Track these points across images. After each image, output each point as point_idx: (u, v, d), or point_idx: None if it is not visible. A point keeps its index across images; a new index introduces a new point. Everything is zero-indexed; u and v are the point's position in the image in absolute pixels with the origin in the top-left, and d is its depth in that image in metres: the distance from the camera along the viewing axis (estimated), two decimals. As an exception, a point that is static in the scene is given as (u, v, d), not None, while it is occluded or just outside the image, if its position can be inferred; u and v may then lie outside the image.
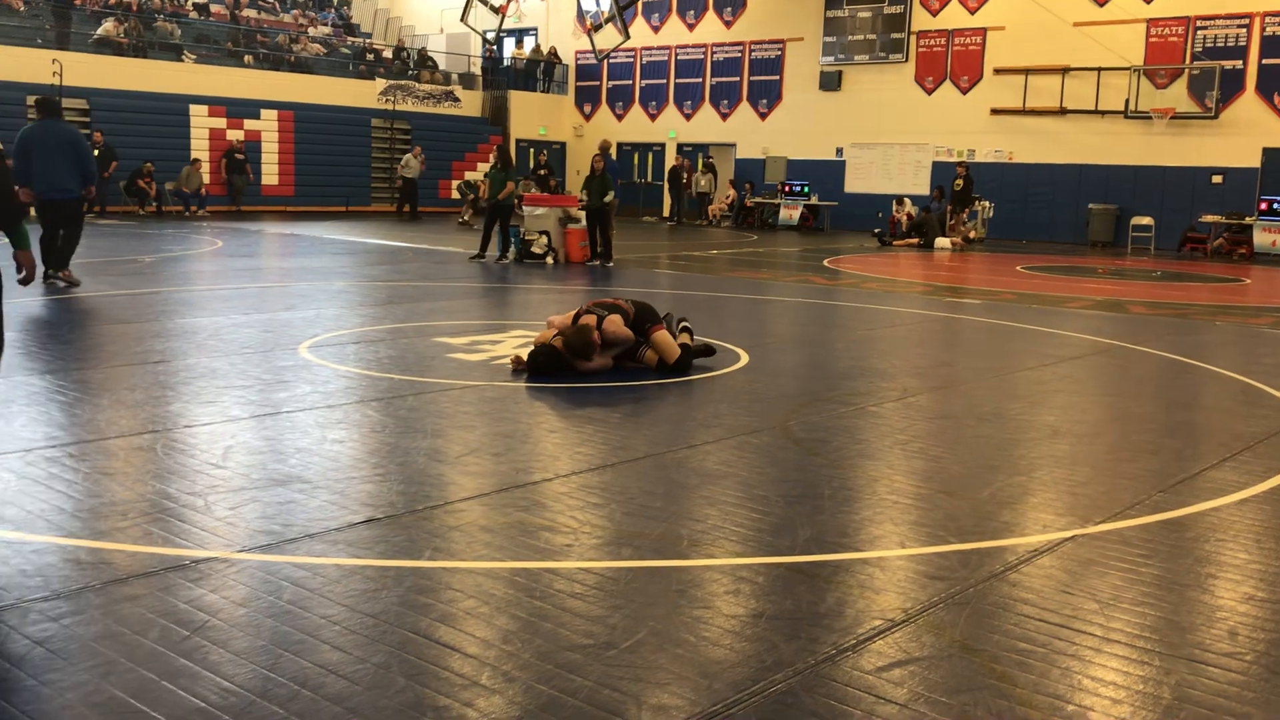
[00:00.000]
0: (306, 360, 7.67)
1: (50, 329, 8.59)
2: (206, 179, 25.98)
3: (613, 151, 17.86)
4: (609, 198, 16.41)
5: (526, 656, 3.15)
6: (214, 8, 31.23)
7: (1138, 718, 2.92)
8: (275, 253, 17.32)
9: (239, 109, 27.16)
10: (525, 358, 7.49)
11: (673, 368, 7.62)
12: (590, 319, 7.48)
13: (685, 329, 8.19)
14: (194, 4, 30.80)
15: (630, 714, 2.84)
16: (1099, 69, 24.69)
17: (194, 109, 26.35)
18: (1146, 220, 24.06)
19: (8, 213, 4.44)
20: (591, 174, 16.57)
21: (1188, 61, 23.92)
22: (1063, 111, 25.49)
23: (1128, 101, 24.42)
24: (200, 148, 26.33)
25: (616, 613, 3.48)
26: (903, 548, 4.24)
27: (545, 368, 7.35)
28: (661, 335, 7.70)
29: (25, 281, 4.64)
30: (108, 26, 26.43)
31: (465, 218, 25.71)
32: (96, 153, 23.74)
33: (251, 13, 32.18)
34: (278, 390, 6.66)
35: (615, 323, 7.53)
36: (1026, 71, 25.88)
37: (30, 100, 23.50)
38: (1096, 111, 24.96)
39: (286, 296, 11.33)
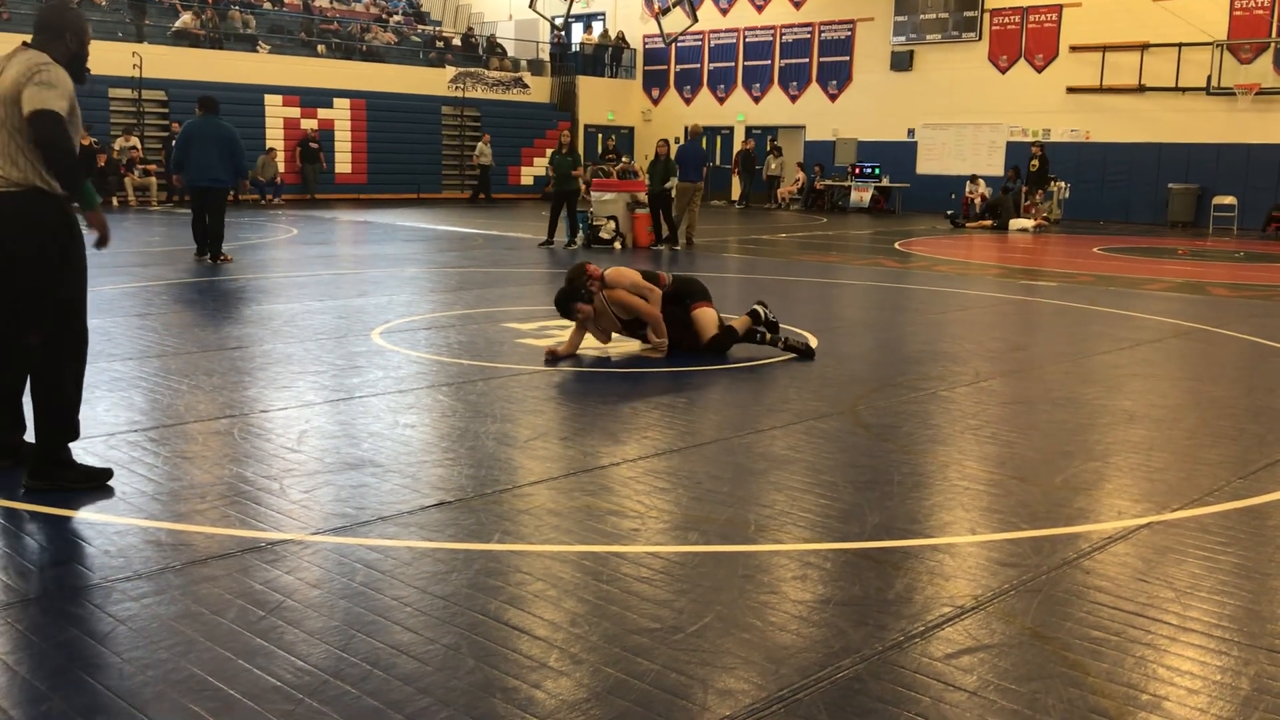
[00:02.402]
0: (379, 346, 7.78)
1: (131, 317, 8.81)
2: (281, 168, 26.41)
3: (681, 136, 17.85)
4: (670, 183, 16.45)
5: (594, 639, 3.17)
6: (287, -2, 31.70)
7: (1215, 708, 2.86)
8: (348, 240, 17.57)
9: (312, 98, 27.54)
10: (559, 350, 7.55)
11: (709, 344, 7.55)
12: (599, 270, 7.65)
13: (752, 312, 7.98)
14: (268, -5, 31.28)
15: (697, 697, 2.85)
16: (1179, 44, 24.05)
17: (269, 99, 26.77)
18: (1229, 199, 23.42)
19: (68, 171, 4.27)
20: (655, 159, 16.61)
21: (1274, 35, 23.20)
22: (1141, 89, 24.89)
23: (1210, 78, 23.77)
24: (275, 137, 26.76)
25: (683, 597, 3.49)
26: (973, 534, 4.20)
27: (566, 296, 7.52)
28: (701, 312, 7.66)
29: (100, 244, 4.51)
30: (186, 19, 26.95)
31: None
32: (175, 143, 24.30)
33: (324, 2, 32.59)
34: (351, 375, 6.77)
35: (624, 271, 7.66)
36: (1104, 48, 25.31)
37: (111, 93, 24.28)
38: (1177, 88, 24.34)
39: (360, 283, 11.50)
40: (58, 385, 4.40)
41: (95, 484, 4.43)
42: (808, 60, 31.00)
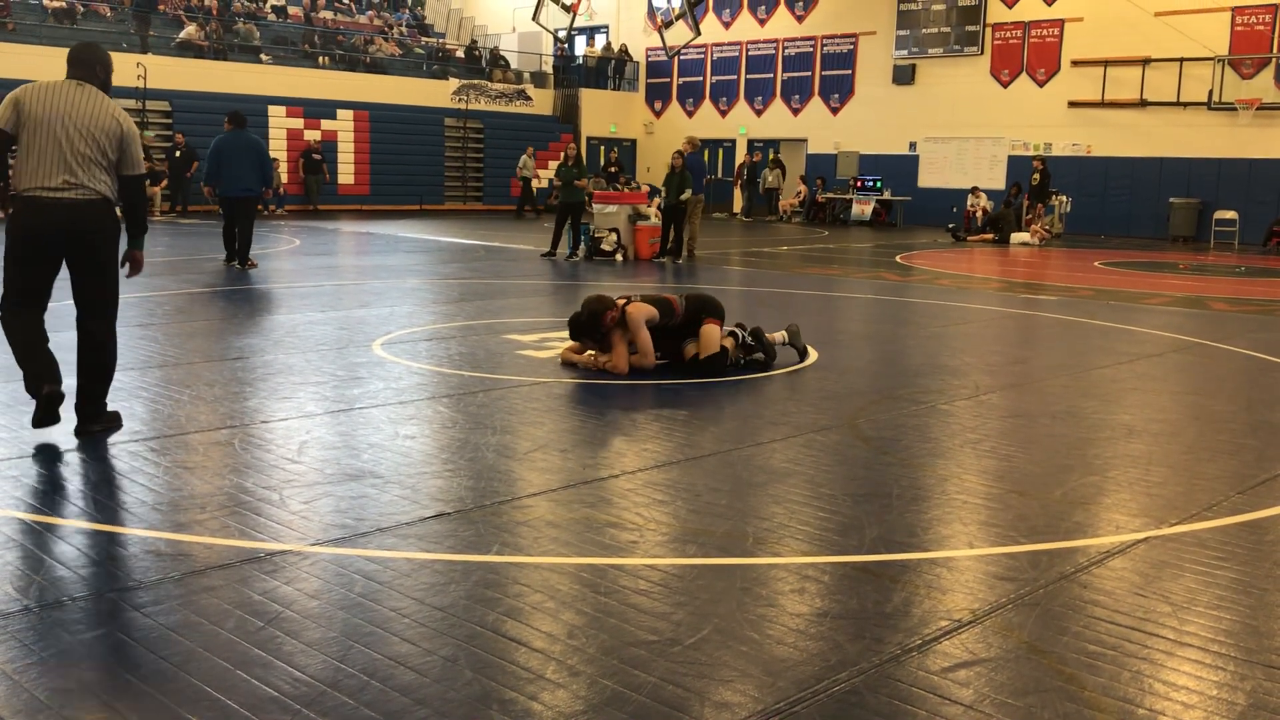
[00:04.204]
0: (380, 357, 7.79)
1: (133, 326, 8.83)
2: (284, 179, 26.45)
3: (681, 149, 17.86)
4: (685, 195, 16.46)
5: (591, 651, 3.18)
6: (291, 10, 31.79)
7: (1211, 723, 2.87)
8: (351, 251, 17.61)
9: (316, 109, 27.62)
10: (571, 356, 7.61)
11: (702, 363, 7.42)
12: (621, 300, 7.50)
13: (731, 333, 7.82)
14: (272, 6, 31.38)
15: (694, 710, 2.85)
16: (1181, 59, 24.11)
17: (272, 110, 26.84)
18: (1230, 214, 23.44)
19: (142, 222, 5.55)
20: (670, 171, 16.63)
21: (1275, 50, 23.27)
22: (1143, 103, 24.94)
23: (1211, 92, 23.82)
24: (278, 148, 26.78)
25: (681, 609, 3.49)
26: (971, 548, 4.20)
27: (580, 328, 7.39)
28: (708, 329, 7.53)
29: (131, 274, 5.66)
30: (190, 30, 27.04)
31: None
32: (178, 154, 24.40)
33: (328, 14, 32.70)
34: (352, 386, 6.78)
35: (641, 309, 7.41)
36: (1105, 63, 25.37)
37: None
38: (1178, 103, 24.39)
39: (361, 294, 11.52)
40: (113, 346, 5.49)
41: (118, 426, 5.51)
42: (810, 73, 31.09)
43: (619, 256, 16.62)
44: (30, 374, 5.25)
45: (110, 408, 5.60)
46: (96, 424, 5.45)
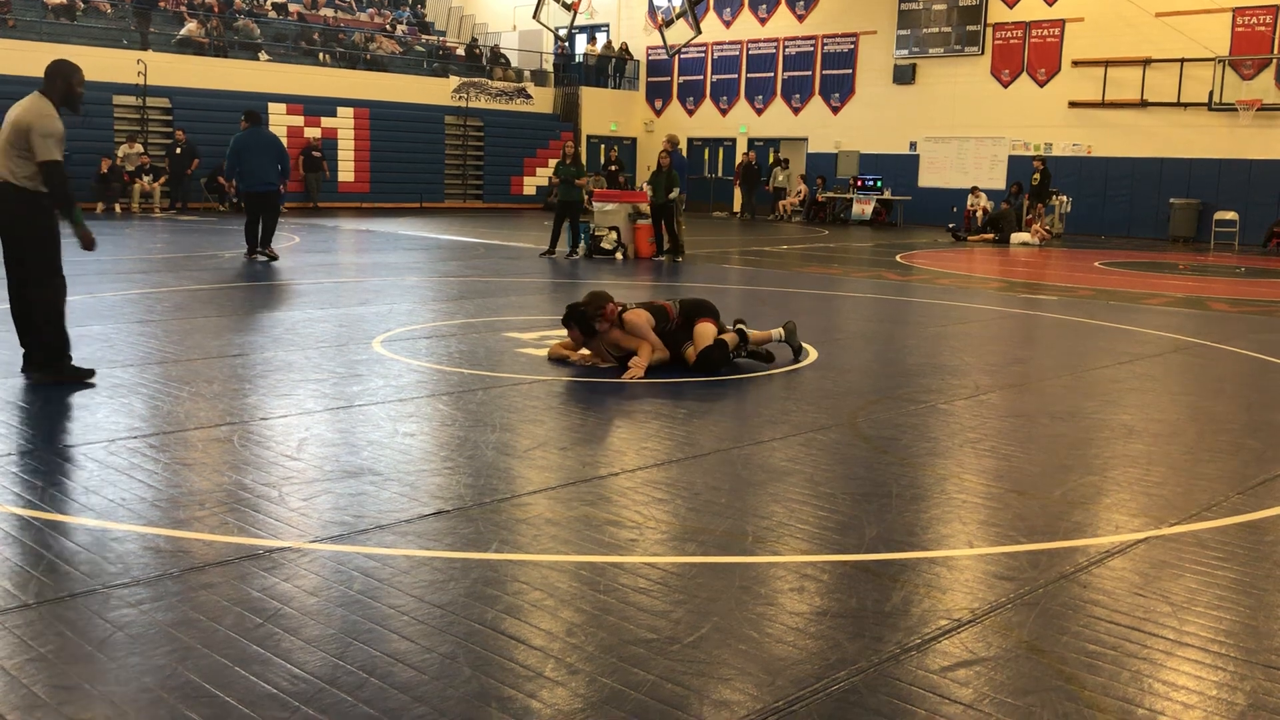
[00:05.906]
0: (380, 355, 7.79)
1: (133, 323, 8.82)
2: (285, 175, 26.40)
3: (683, 147, 17.79)
4: (674, 194, 16.43)
5: (590, 649, 3.17)
6: (291, 7, 31.76)
7: (1210, 723, 2.86)
8: (351, 248, 17.59)
9: (316, 107, 27.58)
10: (561, 353, 7.72)
11: (701, 354, 7.41)
12: (619, 305, 7.51)
13: (739, 331, 7.86)
14: (272, 3, 31.36)
15: (693, 708, 2.85)
16: (1182, 60, 24.11)
17: (273, 107, 26.77)
18: (1230, 215, 23.44)
19: (64, 201, 6.36)
20: (658, 169, 16.59)
21: (1276, 51, 23.25)
22: (1144, 104, 24.93)
23: (1212, 93, 23.81)
24: (278, 145, 26.76)
25: (680, 608, 3.49)
26: (971, 547, 4.20)
27: (576, 315, 7.43)
28: (702, 327, 7.55)
29: (87, 248, 6.56)
30: (191, 27, 27.01)
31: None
32: (178, 150, 24.38)
33: (329, 12, 32.67)
34: (351, 384, 6.78)
35: (639, 314, 7.44)
36: (1106, 63, 25.37)
37: (115, 100, 24.35)
38: (1179, 104, 24.38)
39: (361, 292, 11.52)
40: (56, 310, 6.43)
41: (83, 379, 6.47)
42: (810, 73, 31.07)
43: (619, 255, 16.61)
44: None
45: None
46: (42, 372, 6.44)
